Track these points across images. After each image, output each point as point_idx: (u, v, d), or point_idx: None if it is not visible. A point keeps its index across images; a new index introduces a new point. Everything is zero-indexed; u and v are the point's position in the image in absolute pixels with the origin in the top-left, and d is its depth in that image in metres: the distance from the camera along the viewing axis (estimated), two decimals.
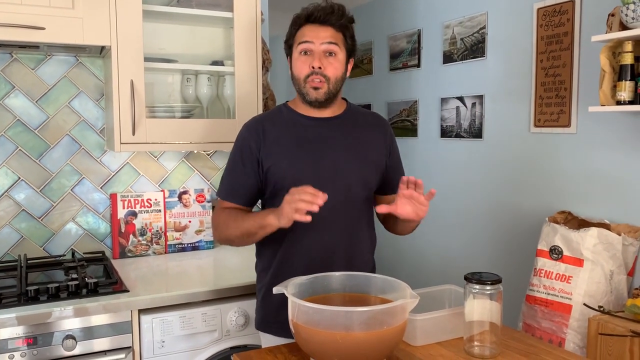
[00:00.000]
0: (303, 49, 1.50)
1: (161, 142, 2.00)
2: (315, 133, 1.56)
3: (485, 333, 1.25)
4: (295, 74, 1.54)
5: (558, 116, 2.74)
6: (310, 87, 1.51)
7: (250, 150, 1.55)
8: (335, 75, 1.52)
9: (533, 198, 2.92)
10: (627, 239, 2.33)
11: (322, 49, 1.49)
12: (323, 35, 1.49)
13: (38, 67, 2.10)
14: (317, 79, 1.50)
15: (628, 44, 2.15)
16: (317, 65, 1.49)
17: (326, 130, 1.57)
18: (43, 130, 2.12)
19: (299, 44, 1.51)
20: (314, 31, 1.50)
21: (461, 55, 3.39)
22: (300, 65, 1.51)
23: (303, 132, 1.56)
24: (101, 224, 2.22)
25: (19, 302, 1.62)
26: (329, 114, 1.59)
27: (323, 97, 1.52)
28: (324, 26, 1.50)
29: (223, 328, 1.80)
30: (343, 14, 1.52)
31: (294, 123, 1.58)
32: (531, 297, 2.49)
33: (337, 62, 1.51)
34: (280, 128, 1.57)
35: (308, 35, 1.50)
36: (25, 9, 1.75)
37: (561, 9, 2.70)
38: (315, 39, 1.49)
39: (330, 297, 1.29)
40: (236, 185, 1.58)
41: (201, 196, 2.33)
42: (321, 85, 1.50)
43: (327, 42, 1.49)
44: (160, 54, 2.20)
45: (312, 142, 1.54)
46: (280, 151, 1.53)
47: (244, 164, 1.56)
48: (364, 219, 1.60)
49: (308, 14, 1.51)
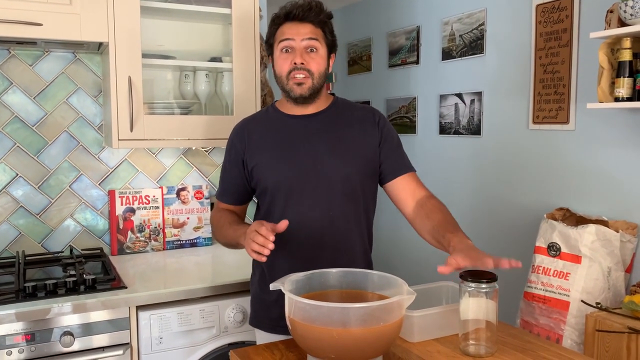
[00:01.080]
0: (284, 47, 1.51)
1: (159, 139, 2.00)
2: (298, 131, 1.56)
3: (480, 331, 1.25)
4: (277, 71, 1.54)
5: (556, 113, 2.74)
6: (293, 84, 1.51)
7: (236, 152, 1.60)
8: (319, 69, 1.52)
9: (531, 195, 2.93)
10: (625, 235, 2.33)
11: (303, 45, 1.49)
12: (303, 31, 1.49)
13: (36, 63, 2.09)
14: (300, 74, 1.50)
15: (626, 40, 2.14)
16: (300, 61, 1.49)
17: (308, 127, 1.56)
18: (41, 127, 2.11)
19: (280, 42, 1.51)
20: (294, 28, 1.50)
21: (460, 52, 3.39)
22: (281, 62, 1.52)
23: (285, 131, 1.57)
24: (99, 220, 2.22)
25: (17, 299, 1.62)
26: (313, 110, 1.58)
27: (307, 92, 1.51)
28: (303, 23, 1.50)
29: (221, 324, 1.80)
30: (321, 10, 1.53)
31: (277, 122, 1.59)
32: (529, 294, 2.50)
33: (319, 57, 1.52)
34: (264, 128, 1.60)
35: (288, 32, 1.50)
36: (22, 4, 1.75)
37: (560, 5, 2.70)
38: (296, 35, 1.49)
39: (327, 293, 1.29)
40: (226, 186, 1.65)
41: (199, 193, 2.33)
42: (305, 81, 1.50)
43: (308, 38, 1.49)
44: (159, 51, 2.20)
45: (294, 140, 1.55)
46: (263, 151, 1.56)
47: (232, 166, 1.62)
48: (352, 216, 1.57)
49: (287, 12, 1.51)
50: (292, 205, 1.52)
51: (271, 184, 1.54)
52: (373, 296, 1.28)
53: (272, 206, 1.55)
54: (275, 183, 1.53)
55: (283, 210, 1.52)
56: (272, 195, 1.54)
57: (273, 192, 1.54)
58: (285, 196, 1.53)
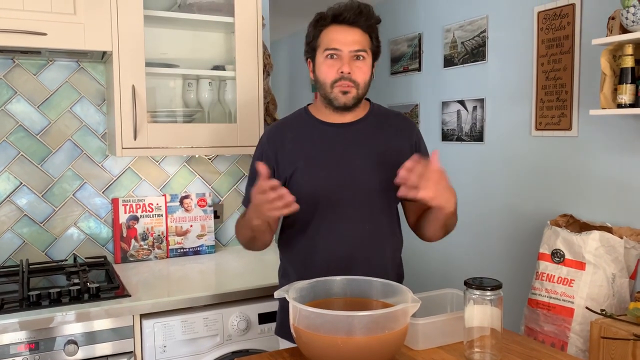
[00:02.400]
0: (330, 54, 1.44)
1: (163, 147, 2.01)
2: (334, 139, 1.51)
3: (485, 339, 1.24)
4: (321, 78, 1.47)
5: (559, 119, 2.74)
6: (339, 92, 1.45)
7: (267, 158, 1.52)
8: (364, 79, 1.47)
9: (534, 201, 2.92)
10: (629, 242, 2.32)
11: (351, 54, 1.44)
12: (352, 39, 1.43)
13: (40, 72, 2.11)
14: (345, 84, 1.44)
15: (628, 47, 2.15)
16: (347, 70, 1.43)
17: (346, 136, 1.51)
18: (45, 136, 2.12)
19: (326, 49, 1.44)
20: (342, 34, 1.43)
21: (462, 58, 3.40)
22: (326, 69, 1.45)
23: (321, 138, 1.52)
24: (103, 228, 2.23)
25: (21, 307, 1.62)
26: (351, 118, 1.53)
27: (352, 101, 1.47)
28: (352, 28, 1.43)
29: (225, 333, 1.80)
30: (371, 15, 1.47)
31: (312, 129, 1.53)
32: (533, 301, 2.49)
33: (365, 66, 1.46)
34: (299, 135, 1.53)
35: (336, 40, 1.43)
36: (27, 14, 1.76)
37: (562, 12, 2.71)
38: (344, 45, 1.43)
39: (331, 301, 1.29)
40: None
41: (203, 200, 2.33)
42: (350, 90, 1.45)
43: (356, 49, 1.43)
44: (162, 59, 2.21)
45: (331, 148, 1.50)
46: (298, 160, 1.49)
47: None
48: (385, 226, 1.54)
49: (336, 14, 1.44)
50: (327, 216, 1.47)
51: (306, 194, 1.45)
52: (377, 304, 1.28)
53: (306, 217, 1.48)
54: (311, 193, 1.46)
55: (318, 222, 1.48)
56: (307, 204, 1.44)
57: (308, 201, 1.45)
58: (321, 207, 1.47)
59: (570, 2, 2.66)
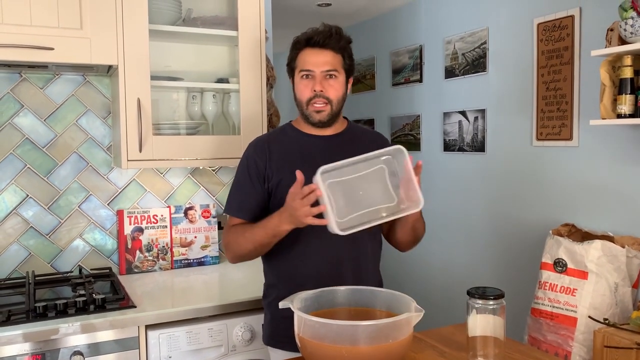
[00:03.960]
0: (304, 74, 1.56)
1: (167, 159, 2.03)
2: (319, 150, 1.60)
3: (488, 348, 1.25)
4: (297, 97, 1.60)
5: (560, 129, 2.76)
6: (312, 111, 1.57)
7: (257, 167, 1.60)
8: (337, 96, 1.58)
9: (536, 211, 2.93)
10: (631, 251, 2.33)
11: (323, 73, 1.55)
12: (323, 60, 1.54)
13: (46, 86, 2.13)
14: (319, 101, 1.56)
15: (627, 58, 2.17)
16: (319, 88, 1.55)
17: (329, 146, 1.61)
18: (51, 148, 2.15)
19: (301, 69, 1.57)
20: (314, 56, 1.55)
21: (463, 70, 3.43)
22: (302, 88, 1.58)
23: (307, 149, 1.61)
24: (108, 240, 2.24)
25: (27, 319, 1.63)
26: (331, 132, 1.64)
27: (326, 118, 1.58)
28: (323, 50, 1.55)
29: (229, 343, 1.81)
30: (341, 37, 1.58)
31: (298, 141, 1.63)
32: (536, 310, 2.49)
33: (337, 84, 1.57)
34: (285, 145, 1.63)
35: (309, 62, 1.55)
36: (34, 30, 1.79)
37: (561, 24, 2.74)
38: (315, 66, 1.54)
39: (336, 311, 1.30)
40: (245, 202, 1.62)
41: (207, 212, 2.35)
42: (324, 108, 1.56)
43: (327, 69, 1.55)
44: (167, 72, 2.24)
45: (317, 158, 1.56)
46: (286, 167, 1.56)
47: (252, 181, 1.60)
48: (367, 234, 1.60)
49: (307, 38, 1.56)
50: None
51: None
52: (381, 314, 1.29)
53: None
54: None
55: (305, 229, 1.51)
56: None
57: None
58: None
59: (569, 13, 2.69)
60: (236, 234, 1.59)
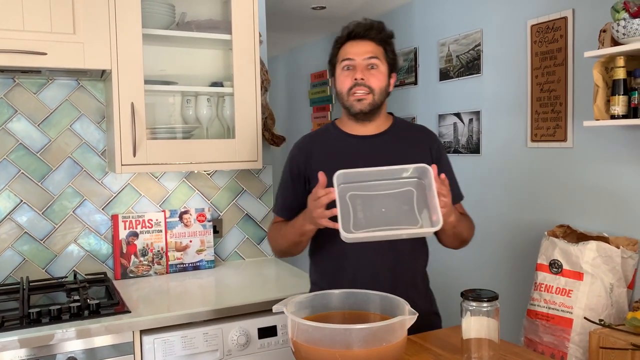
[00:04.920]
0: (345, 65, 1.56)
1: (162, 163, 2.03)
2: (359, 150, 1.59)
3: (483, 350, 1.25)
4: (338, 88, 1.58)
5: (554, 131, 2.77)
6: (353, 100, 1.55)
7: (299, 169, 1.62)
8: (379, 86, 1.55)
9: (531, 212, 2.94)
10: (626, 251, 2.34)
11: (364, 63, 1.54)
12: (364, 50, 1.54)
13: (40, 91, 2.13)
14: (360, 90, 1.54)
15: (620, 59, 2.18)
16: (360, 76, 1.53)
17: (370, 147, 1.60)
18: (45, 153, 2.14)
19: (342, 60, 1.57)
20: (355, 47, 1.55)
21: (457, 72, 3.43)
22: (342, 79, 1.56)
23: (347, 150, 1.60)
24: (103, 245, 2.24)
25: (21, 325, 1.62)
26: (374, 129, 1.62)
27: (367, 107, 1.55)
28: (364, 41, 1.55)
29: (225, 348, 1.80)
30: (382, 29, 1.58)
31: (339, 142, 1.63)
32: (532, 312, 2.50)
33: (379, 74, 1.56)
34: (327, 147, 1.63)
35: (350, 52, 1.55)
36: (27, 35, 1.79)
37: (554, 25, 2.75)
38: (357, 55, 1.54)
39: (329, 315, 1.30)
40: (287, 202, 1.65)
41: (202, 216, 2.35)
42: (365, 97, 1.54)
43: (369, 57, 1.54)
44: (161, 76, 2.23)
45: (356, 159, 1.54)
46: (325, 169, 1.52)
47: (293, 181, 1.64)
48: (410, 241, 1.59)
49: (349, 32, 1.57)
50: None
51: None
52: (375, 317, 1.29)
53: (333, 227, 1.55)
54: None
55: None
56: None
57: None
58: None
59: (562, 15, 2.70)
60: (275, 231, 1.67)
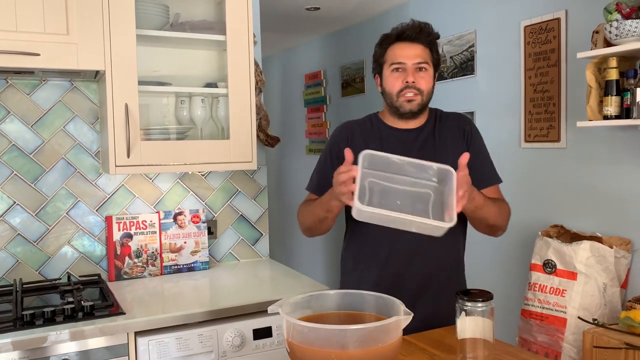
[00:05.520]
0: (396, 67, 1.61)
1: (156, 164, 2.02)
2: (398, 142, 1.64)
3: (478, 350, 1.26)
4: (387, 89, 1.64)
5: (548, 131, 2.78)
6: (404, 101, 1.61)
7: (339, 150, 1.59)
8: (427, 87, 1.62)
9: (525, 212, 2.95)
10: (619, 251, 2.35)
11: (414, 66, 1.59)
12: (414, 53, 1.59)
13: (33, 92, 2.12)
14: (410, 92, 1.60)
15: (613, 60, 2.19)
16: (411, 80, 1.59)
17: (409, 140, 1.65)
18: (38, 155, 2.13)
19: (392, 63, 1.61)
20: (405, 49, 1.60)
21: (451, 72, 3.44)
22: (392, 81, 1.62)
23: (387, 140, 1.65)
24: (97, 246, 2.23)
25: (14, 327, 1.62)
26: (414, 124, 1.68)
27: (417, 108, 1.62)
28: (414, 44, 1.60)
29: (219, 349, 1.80)
30: (430, 32, 1.63)
31: (380, 131, 1.68)
32: (526, 312, 2.50)
33: (428, 76, 1.62)
34: (367, 134, 1.68)
35: (400, 55, 1.60)
36: (20, 35, 1.78)
37: (547, 26, 2.76)
38: (407, 59, 1.59)
39: (325, 315, 1.30)
40: (323, 181, 1.66)
41: (196, 217, 2.34)
42: (415, 98, 1.60)
43: (419, 61, 1.59)
44: (155, 77, 2.23)
45: (394, 149, 1.54)
46: None
47: (332, 162, 1.65)
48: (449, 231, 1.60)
49: (399, 33, 1.61)
50: None
51: None
52: (370, 317, 1.29)
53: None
54: None
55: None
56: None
57: None
58: None
59: (555, 16, 2.72)
60: (304, 207, 1.69)
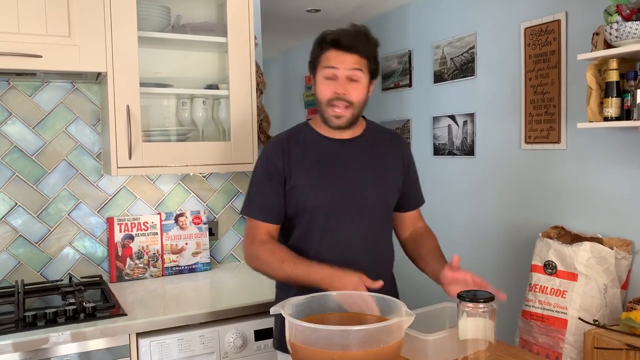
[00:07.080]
0: (327, 75, 1.50)
1: (157, 166, 2.03)
2: (336, 154, 1.58)
3: (480, 351, 1.26)
4: (318, 97, 1.54)
5: (548, 133, 2.79)
6: (332, 115, 1.52)
7: (277, 169, 1.55)
8: (359, 99, 1.52)
9: (526, 214, 2.95)
10: (620, 252, 2.35)
11: (346, 75, 1.49)
12: (348, 61, 1.48)
13: (35, 93, 2.12)
14: (340, 105, 1.50)
15: (613, 61, 2.20)
16: (341, 91, 1.49)
17: (346, 151, 1.59)
18: (40, 156, 2.14)
19: (324, 68, 1.51)
20: (339, 57, 1.49)
21: (451, 74, 3.45)
22: (324, 89, 1.51)
23: (324, 153, 1.58)
24: (98, 248, 2.23)
25: (16, 328, 1.62)
26: (349, 135, 1.60)
27: (345, 123, 1.54)
28: (349, 53, 1.49)
29: (221, 350, 1.80)
30: (368, 40, 1.53)
31: (315, 144, 1.59)
32: (527, 313, 2.51)
33: (360, 87, 1.52)
34: (303, 148, 1.58)
35: (333, 60, 1.49)
36: (22, 37, 1.78)
37: (547, 28, 2.76)
38: (340, 64, 1.48)
39: (327, 316, 1.30)
40: (267, 204, 1.56)
41: (197, 218, 2.35)
42: (344, 113, 1.51)
43: (352, 68, 1.49)
44: (156, 78, 2.23)
45: (333, 163, 1.56)
46: (303, 171, 1.55)
47: (272, 182, 1.55)
48: (383, 238, 1.63)
49: (334, 39, 1.49)
50: (331, 228, 1.53)
51: (311, 205, 1.52)
52: (372, 318, 1.29)
53: (309, 229, 1.54)
54: (316, 205, 1.52)
55: (321, 234, 1.53)
56: (311, 217, 1.53)
57: (312, 214, 1.53)
58: (324, 219, 1.53)
59: (555, 18, 2.72)
60: (271, 256, 1.52)
